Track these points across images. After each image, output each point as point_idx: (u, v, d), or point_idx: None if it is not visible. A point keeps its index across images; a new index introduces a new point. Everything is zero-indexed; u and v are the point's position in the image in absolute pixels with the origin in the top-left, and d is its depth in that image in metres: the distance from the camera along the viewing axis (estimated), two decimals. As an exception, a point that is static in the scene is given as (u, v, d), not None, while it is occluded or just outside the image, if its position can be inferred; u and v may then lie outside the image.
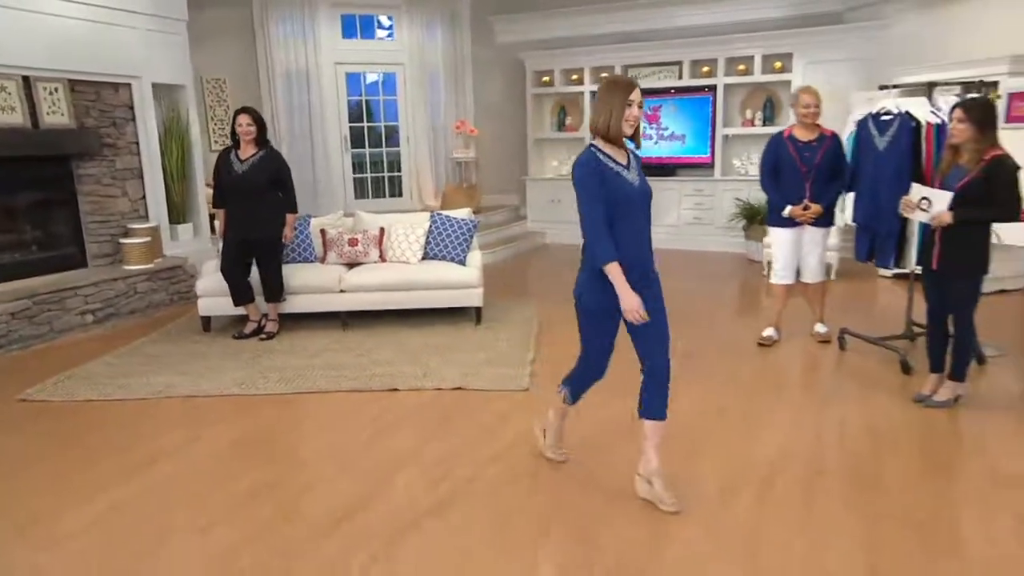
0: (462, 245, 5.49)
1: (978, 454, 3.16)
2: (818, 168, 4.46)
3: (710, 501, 2.79)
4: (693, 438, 3.36)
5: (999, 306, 5.59)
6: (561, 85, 8.97)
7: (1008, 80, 5.50)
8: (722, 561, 2.39)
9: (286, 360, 4.60)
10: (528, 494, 2.90)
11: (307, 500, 2.88)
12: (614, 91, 2.54)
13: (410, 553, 2.49)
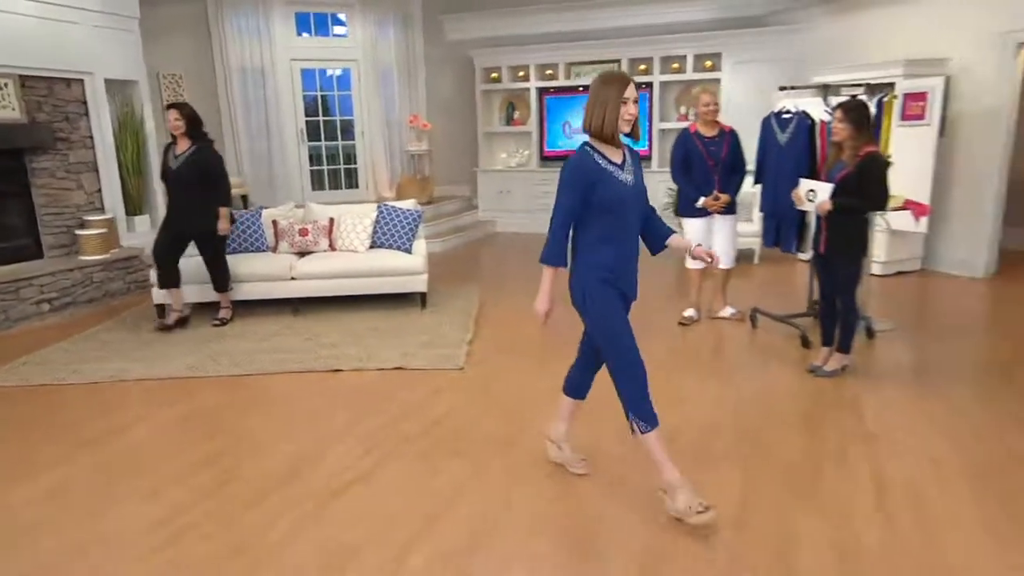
0: (408, 234, 5.62)
1: (852, 415, 3.43)
2: (724, 161, 4.70)
3: (614, 460, 3.01)
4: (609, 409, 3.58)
5: (895, 286, 5.95)
6: (509, 81, 9.11)
7: (903, 82, 5.80)
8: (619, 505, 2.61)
9: (236, 345, 4.70)
10: (449, 459, 3.07)
11: (246, 469, 3.02)
12: (608, 87, 2.37)
13: (336, 514, 2.65)
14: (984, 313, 5.28)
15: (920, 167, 5.86)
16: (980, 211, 6.02)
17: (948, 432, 3.20)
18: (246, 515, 2.65)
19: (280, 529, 2.55)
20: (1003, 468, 2.86)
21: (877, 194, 3.53)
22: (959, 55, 5.93)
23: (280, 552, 2.41)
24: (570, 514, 2.64)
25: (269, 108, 8.67)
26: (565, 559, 2.36)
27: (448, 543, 2.44)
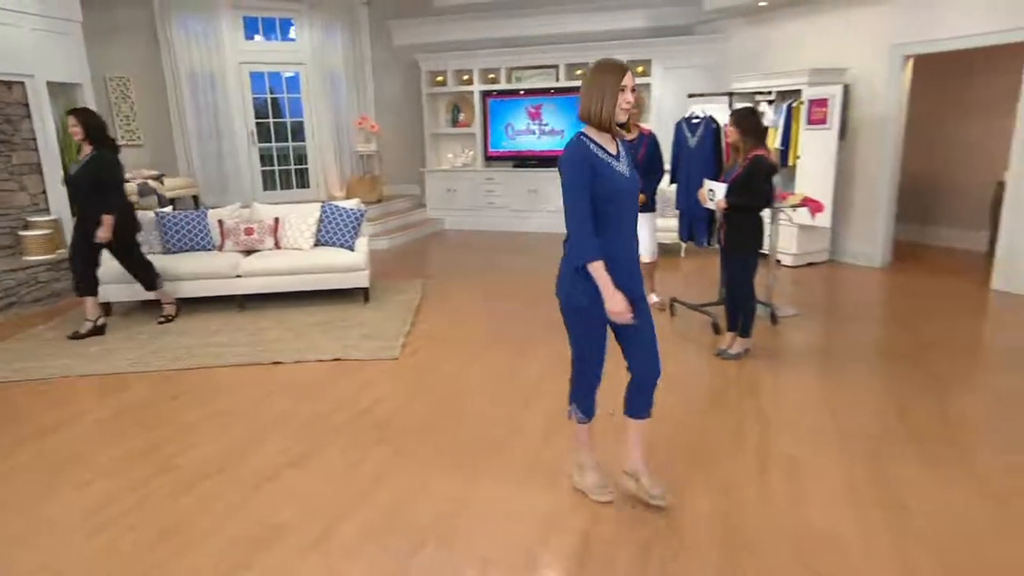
0: (351, 232, 5.66)
1: (750, 394, 3.65)
2: (639, 164, 4.87)
3: (534, 438, 3.16)
4: (528, 392, 3.73)
5: (804, 276, 6.26)
6: (454, 85, 9.17)
7: (808, 89, 6.10)
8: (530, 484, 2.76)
9: (180, 340, 4.69)
10: (376, 445, 3.17)
11: (182, 459, 3.06)
12: (606, 75, 2.22)
13: (267, 498, 2.73)
14: (878, 300, 5.60)
15: (824, 168, 6.18)
16: (876, 208, 6.37)
17: (833, 409, 3.44)
18: (179, 502, 2.71)
19: (211, 514, 2.61)
20: (875, 440, 3.11)
21: (760, 192, 3.77)
22: (856, 65, 6.26)
23: (210, 535, 2.48)
24: (486, 497, 2.76)
25: (219, 110, 8.55)
26: (478, 536, 2.49)
27: (369, 523, 2.54)
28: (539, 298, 5.73)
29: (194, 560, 2.33)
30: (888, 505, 2.55)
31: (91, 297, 4.89)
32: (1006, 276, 5.41)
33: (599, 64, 2.28)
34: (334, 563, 2.30)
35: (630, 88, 2.22)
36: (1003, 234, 5.42)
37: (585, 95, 2.26)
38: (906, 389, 3.63)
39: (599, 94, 2.21)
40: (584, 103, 2.26)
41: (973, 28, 5.38)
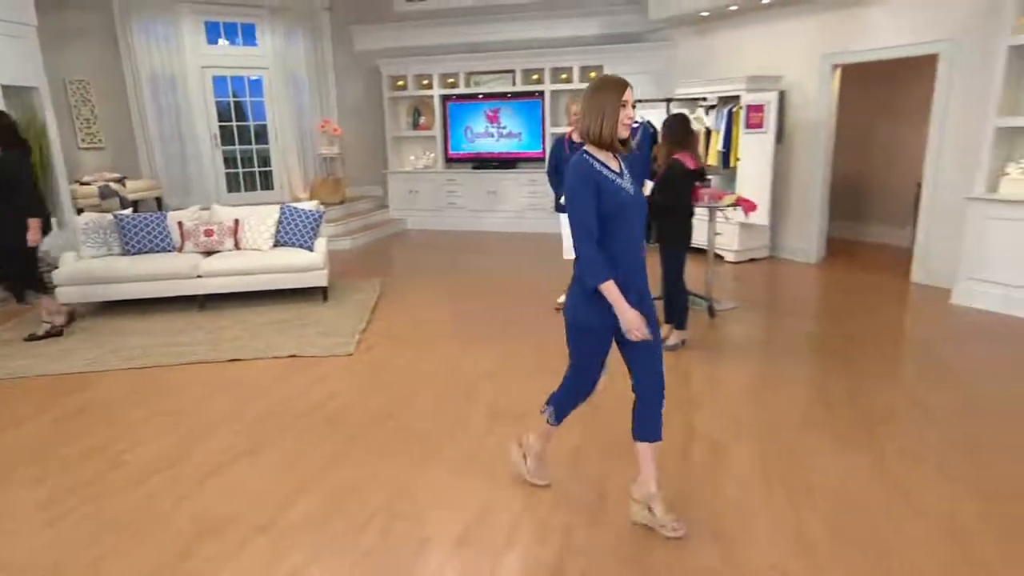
0: (309, 233, 5.67)
1: (682, 384, 3.79)
2: None
3: (477, 429, 3.24)
4: (474, 386, 3.81)
5: (745, 271, 6.46)
6: (414, 89, 9.19)
7: (746, 95, 6.29)
8: (470, 474, 2.84)
9: (139, 340, 4.66)
10: (326, 436, 3.22)
11: (132, 455, 3.06)
12: (606, 92, 2.15)
13: (216, 489, 2.76)
14: (810, 294, 5.81)
15: (762, 169, 6.39)
16: (811, 207, 6.60)
17: (758, 397, 3.60)
18: (130, 494, 2.73)
19: (159, 507, 2.64)
20: (793, 427, 3.27)
21: (673, 194, 3.91)
22: (791, 73, 6.48)
23: (156, 526, 2.51)
24: (428, 484, 2.84)
25: (182, 114, 8.44)
26: (419, 519, 2.57)
27: (314, 510, 2.60)
28: (494, 295, 5.83)
29: (140, 551, 2.36)
30: (795, 485, 2.70)
31: (46, 296, 4.79)
32: (924, 270, 5.67)
33: (598, 82, 2.21)
34: (276, 549, 2.36)
35: (631, 103, 2.16)
36: (919, 232, 5.68)
37: (585, 114, 2.18)
38: (827, 379, 3.80)
39: (599, 112, 2.15)
40: (584, 122, 2.19)
41: (891, 41, 5.63)
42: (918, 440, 3.05)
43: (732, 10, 6.76)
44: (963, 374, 3.81)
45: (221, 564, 2.27)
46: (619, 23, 8.36)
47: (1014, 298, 4.72)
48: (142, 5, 8.01)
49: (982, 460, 2.84)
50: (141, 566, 2.27)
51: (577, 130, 4.92)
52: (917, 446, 3.00)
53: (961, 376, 3.78)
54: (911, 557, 2.23)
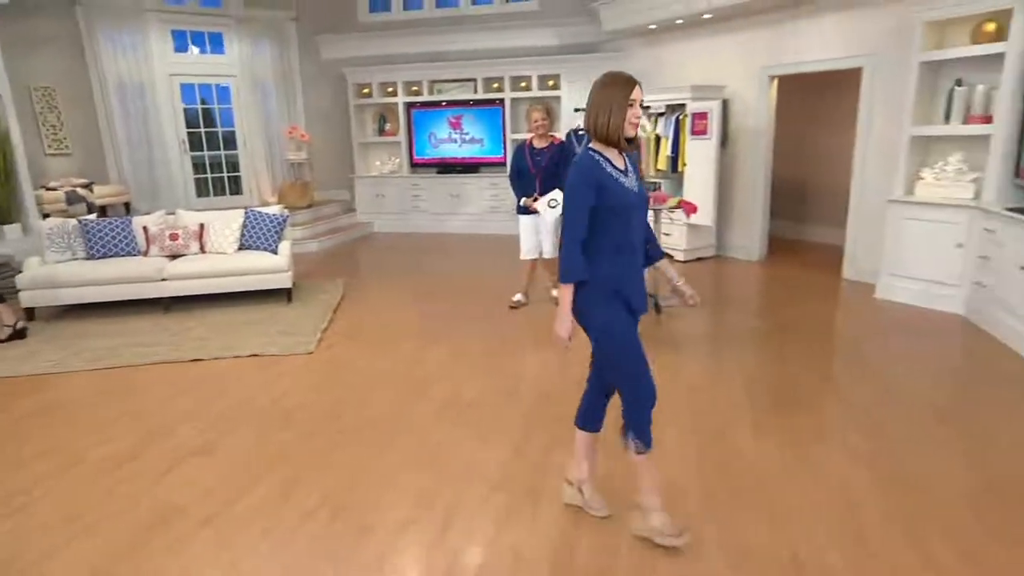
0: (274, 236, 5.69)
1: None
2: (545, 169, 5.09)
3: (425, 423, 3.33)
4: (427, 382, 3.90)
5: (692, 269, 6.65)
6: (379, 96, 9.22)
7: (691, 103, 6.49)
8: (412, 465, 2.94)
9: (103, 342, 4.64)
10: (282, 430, 3.28)
11: (93, 452, 3.09)
12: (614, 88, 2.05)
13: (172, 482, 2.81)
14: (751, 289, 6.02)
15: (707, 173, 6.59)
16: (753, 208, 6.83)
17: (689, 384, 3.76)
18: (86, 490, 2.76)
19: (114, 500, 2.68)
20: (722, 413, 3.43)
21: None
22: (732, 83, 6.69)
23: (110, 519, 2.55)
24: (375, 474, 2.92)
25: (150, 120, 8.35)
26: (363, 507, 2.65)
27: (265, 499, 2.67)
28: (453, 295, 5.92)
29: (92, 542, 2.41)
30: (716, 461, 2.85)
31: (2, 304, 4.74)
32: (852, 267, 5.93)
33: (607, 77, 2.10)
34: (225, 536, 2.42)
35: (639, 102, 2.08)
36: (848, 231, 5.93)
37: (592, 109, 2.08)
38: (757, 367, 3.98)
39: (607, 108, 2.04)
40: (591, 117, 2.09)
41: (820, 55, 5.87)
42: (829, 423, 3.24)
43: (678, 23, 6.95)
44: (878, 363, 4.02)
45: (170, 553, 2.33)
46: (574, 34, 8.51)
47: (929, 292, 4.97)
48: (107, 14, 7.91)
49: (883, 441, 3.03)
50: (92, 556, 2.32)
51: (538, 136, 5.09)
52: (828, 428, 3.18)
53: (876, 365, 3.99)
54: (806, 522, 2.39)
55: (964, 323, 4.67)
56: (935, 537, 2.32)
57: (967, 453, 2.90)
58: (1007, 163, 4.45)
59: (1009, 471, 2.75)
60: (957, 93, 4.76)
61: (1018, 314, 4.07)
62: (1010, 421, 3.20)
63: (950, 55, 4.72)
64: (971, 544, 2.28)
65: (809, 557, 2.23)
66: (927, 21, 4.78)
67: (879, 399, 3.49)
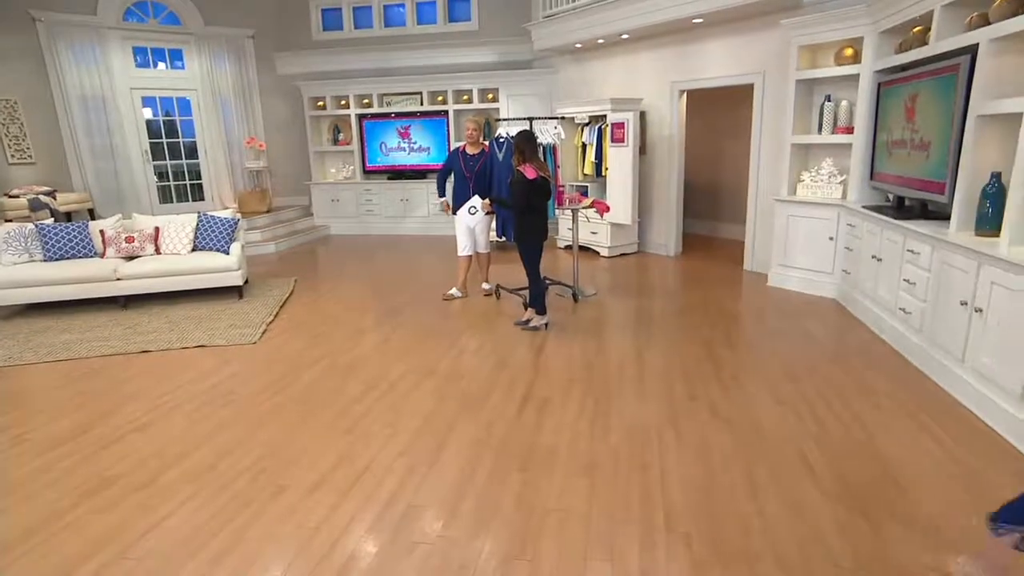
0: (226, 238, 5.75)
1: (531, 355, 4.15)
2: (478, 173, 5.31)
3: (350, 398, 3.49)
4: (355, 364, 4.05)
5: (615, 264, 6.93)
6: (333, 108, 9.28)
7: (611, 114, 6.76)
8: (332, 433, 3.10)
9: (58, 336, 4.66)
10: (218, 409, 3.40)
11: (36, 433, 3.16)
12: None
13: (108, 456, 2.91)
14: (664, 280, 6.32)
15: (626, 177, 6.87)
16: (669, 208, 7.15)
17: (589, 362, 3.99)
18: (28, 465, 2.84)
19: (52, 473, 2.77)
20: (613, 383, 3.68)
21: (515, 197, 4.30)
22: (647, 96, 6.99)
23: (47, 488, 2.65)
24: (298, 443, 3.08)
25: (112, 132, 8.25)
26: (282, 471, 2.81)
27: (194, 467, 2.80)
28: (392, 290, 6.06)
29: (29, 508, 2.51)
30: (598, 424, 3.09)
31: None
32: (752, 259, 6.29)
33: None
34: (152, 501, 2.55)
35: None
36: (748, 227, 6.29)
37: None
38: (651, 345, 4.25)
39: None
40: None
41: (720, 72, 6.21)
42: (702, 389, 3.52)
43: (600, 43, 7.23)
44: (755, 340, 4.34)
45: (99, 516, 2.45)
46: (511, 52, 8.73)
47: (809, 279, 5.34)
48: (69, 31, 7.81)
49: (744, 405, 3.32)
50: (25, 521, 2.42)
51: (471, 144, 5.28)
52: (700, 393, 3.46)
53: (752, 339, 4.31)
54: (677, 474, 2.64)
55: (835, 305, 5.04)
56: (765, 477, 2.60)
57: (807, 408, 3.21)
58: (864, 167, 4.83)
59: (835, 426, 3.06)
60: (827, 107, 5.13)
61: (870, 295, 4.44)
62: (847, 381, 3.53)
63: (819, 74, 5.09)
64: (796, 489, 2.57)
65: (662, 495, 2.48)
66: (800, 45, 5.14)
67: (749, 368, 3.79)
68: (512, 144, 5.10)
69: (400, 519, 2.39)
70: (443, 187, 5.42)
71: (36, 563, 2.18)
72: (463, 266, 5.63)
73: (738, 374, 3.71)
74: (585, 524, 2.31)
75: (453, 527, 2.33)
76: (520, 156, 4.24)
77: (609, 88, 7.41)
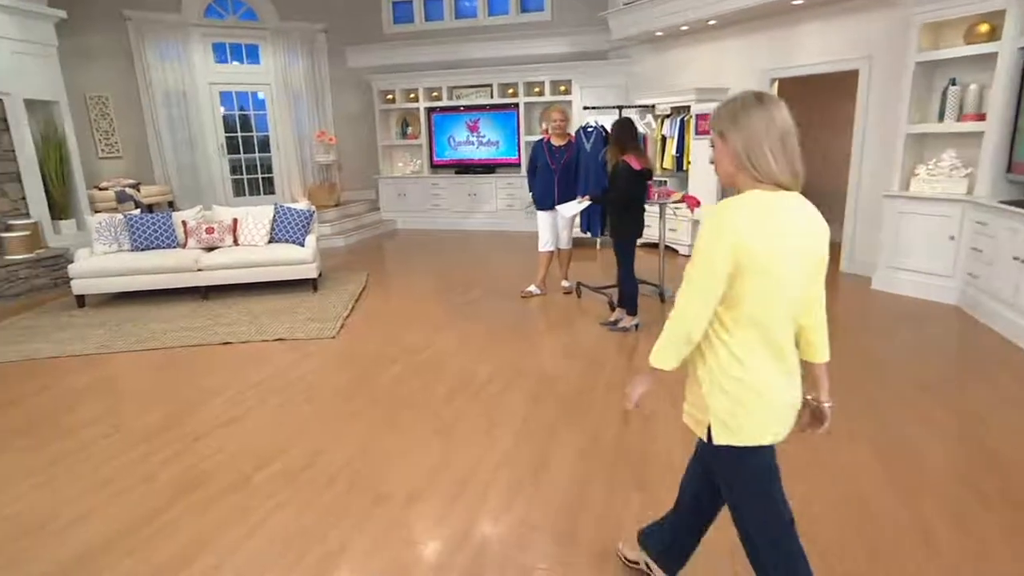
0: (301, 230, 5.69)
1: (624, 358, 3.86)
2: (564, 166, 5.03)
3: (437, 400, 3.29)
4: (438, 364, 3.86)
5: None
6: (402, 102, 9.20)
7: (696, 105, 6.36)
8: (425, 437, 2.90)
9: (145, 326, 4.68)
10: (301, 405, 3.27)
11: (130, 423, 3.10)
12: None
13: (200, 451, 2.80)
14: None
15: (710, 171, 6.45)
16: (753, 204, 6.67)
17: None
18: (122, 457, 2.76)
19: (146, 466, 2.68)
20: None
21: (617, 191, 3.97)
22: (734, 85, 6.54)
23: (141, 483, 2.55)
24: (388, 446, 2.89)
25: (192, 126, 8.43)
26: (377, 477, 2.62)
27: (287, 468, 2.65)
28: (467, 286, 5.87)
29: (124, 503, 2.40)
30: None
31: None
32: (850, 260, 5.77)
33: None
34: (248, 502, 2.41)
35: None
36: (846, 226, 5.77)
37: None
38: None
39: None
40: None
41: (819, 58, 5.71)
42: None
43: (683, 30, 6.82)
44: (871, 348, 3.89)
45: (194, 517, 2.32)
46: (585, 42, 8.40)
47: (924, 283, 4.81)
48: (155, 28, 8.00)
49: (882, 422, 2.92)
50: (119, 521, 2.31)
51: (556, 135, 4.99)
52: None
53: (870, 349, 3.87)
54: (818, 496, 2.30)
55: (958, 312, 4.52)
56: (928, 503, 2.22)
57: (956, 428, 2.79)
58: (999, 158, 4.28)
59: (993, 443, 2.63)
60: (951, 92, 4.59)
61: (1008, 302, 3.91)
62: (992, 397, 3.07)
63: (945, 55, 4.55)
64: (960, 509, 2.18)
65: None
66: (923, 23, 4.62)
67: (873, 380, 3.38)
68: (600, 134, 4.82)
69: (516, 539, 2.14)
70: (537, 184, 5.14)
71: (133, 570, 2.05)
72: (544, 262, 5.36)
73: (863, 384, 3.30)
74: (729, 555, 2.01)
75: (575, 553, 2.07)
76: (619, 147, 3.94)
77: (691, 78, 6.99)
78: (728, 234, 1.29)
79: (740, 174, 1.39)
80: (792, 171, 1.37)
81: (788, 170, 1.36)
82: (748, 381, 1.39)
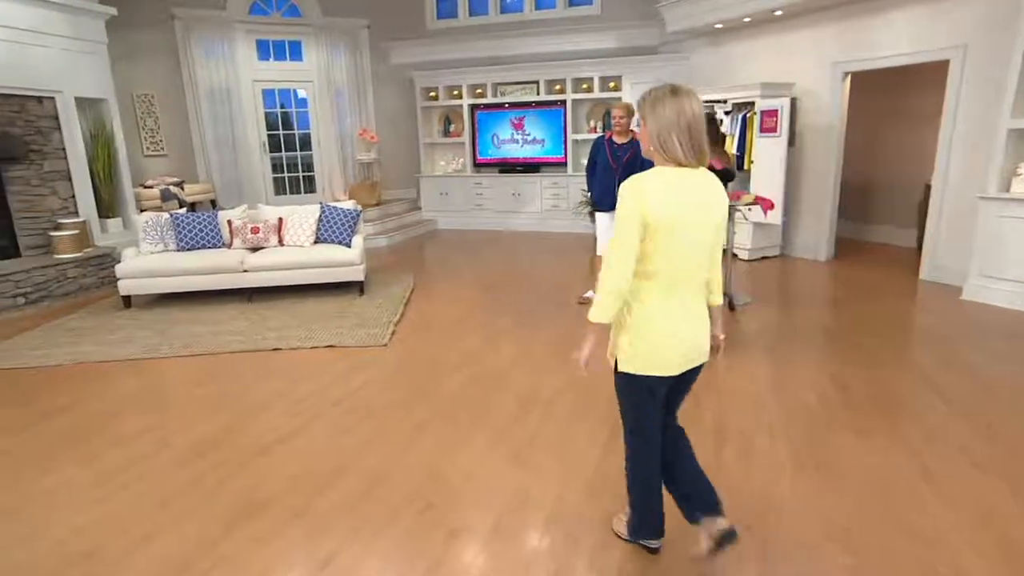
0: (347, 231, 5.53)
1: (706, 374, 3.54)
2: (626, 164, 4.74)
3: (505, 417, 3.05)
4: (500, 375, 3.62)
5: (759, 269, 6.17)
6: (445, 99, 9.01)
7: (760, 101, 5.99)
8: (497, 462, 2.66)
9: (191, 328, 4.56)
10: (361, 421, 3.07)
11: (181, 435, 2.94)
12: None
13: (258, 470, 2.62)
14: (824, 290, 5.50)
15: (775, 171, 6.08)
16: (821, 207, 6.28)
17: (773, 384, 3.36)
18: (176, 473, 2.60)
19: (202, 487, 2.50)
20: (810, 411, 3.03)
21: None
22: (802, 80, 6.15)
23: (199, 507, 2.37)
24: (458, 472, 2.67)
25: (235, 123, 8.38)
26: (449, 508, 2.39)
27: (348, 495, 2.44)
28: (517, 290, 5.63)
29: (182, 529, 2.23)
30: (826, 470, 2.47)
31: None
32: (932, 267, 5.34)
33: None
34: (312, 533, 2.20)
35: None
36: (929, 230, 5.34)
37: None
38: (843, 368, 3.54)
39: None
40: None
41: (901, 49, 5.29)
42: (939, 426, 2.80)
43: (746, 21, 6.45)
44: (977, 365, 3.51)
45: (260, 546, 2.13)
46: (636, 36, 8.07)
47: (1026, 295, 4.39)
48: (202, 26, 7.97)
49: (1008, 450, 2.58)
50: (184, 543, 2.13)
51: (618, 132, 4.71)
52: (938, 432, 2.74)
53: (976, 367, 3.49)
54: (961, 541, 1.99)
55: (1068, 328, 4.09)
56: (1103, 574, 1.89)
57: (1113, 474, 2.42)
58: None
59: None
60: (1064, 83, 4.16)
61: None
62: None
63: (1060, 41, 4.13)
64: None
65: None
66: (1033, 6, 4.20)
67: (989, 402, 3.01)
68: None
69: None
70: (593, 181, 4.88)
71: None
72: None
73: (978, 408, 2.94)
74: None
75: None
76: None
77: (752, 72, 6.61)
78: (639, 203, 1.62)
79: (655, 154, 1.70)
80: (697, 155, 1.66)
81: (693, 155, 1.66)
82: (652, 324, 1.73)
